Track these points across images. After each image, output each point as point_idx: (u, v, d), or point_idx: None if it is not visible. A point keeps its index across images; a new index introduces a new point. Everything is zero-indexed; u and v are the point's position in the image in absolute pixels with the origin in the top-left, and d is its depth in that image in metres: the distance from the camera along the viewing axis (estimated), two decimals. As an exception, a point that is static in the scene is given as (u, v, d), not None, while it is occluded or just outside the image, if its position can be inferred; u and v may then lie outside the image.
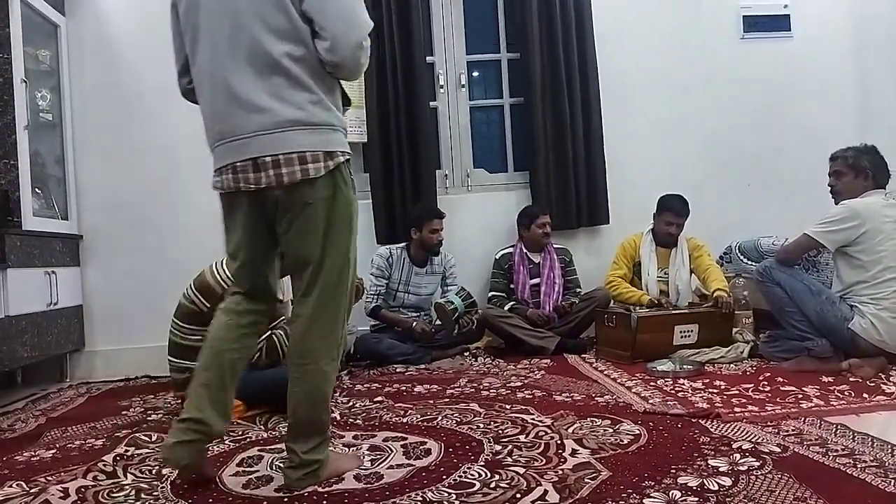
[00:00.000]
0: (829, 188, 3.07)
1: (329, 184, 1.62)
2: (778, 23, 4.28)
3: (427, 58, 4.10)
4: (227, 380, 1.72)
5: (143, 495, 1.68)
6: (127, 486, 1.74)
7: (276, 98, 1.59)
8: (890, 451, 1.70)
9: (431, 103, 4.13)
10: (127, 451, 2.07)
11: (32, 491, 1.73)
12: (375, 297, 3.68)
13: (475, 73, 4.40)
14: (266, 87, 1.59)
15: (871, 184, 2.96)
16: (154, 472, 1.86)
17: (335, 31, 1.57)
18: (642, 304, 3.55)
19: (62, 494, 1.70)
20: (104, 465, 1.92)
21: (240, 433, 2.23)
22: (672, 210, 3.67)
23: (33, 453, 2.11)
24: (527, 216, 3.88)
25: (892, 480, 1.49)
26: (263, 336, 2.49)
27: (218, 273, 2.51)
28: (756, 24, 4.27)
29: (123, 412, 2.72)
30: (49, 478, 1.83)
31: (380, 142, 3.94)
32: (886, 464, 1.60)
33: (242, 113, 1.60)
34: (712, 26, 4.26)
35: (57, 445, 2.20)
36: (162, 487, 1.72)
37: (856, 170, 2.99)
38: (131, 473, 1.85)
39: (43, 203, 3.55)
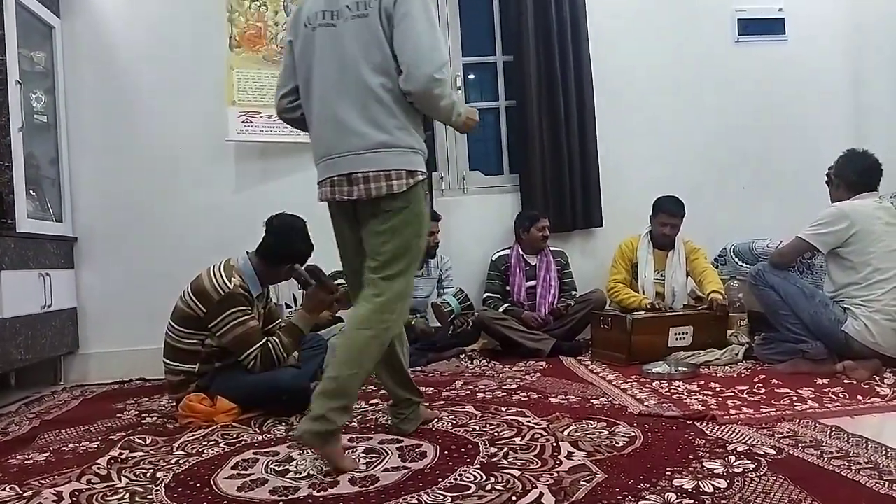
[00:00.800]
0: None
1: (406, 197, 1.90)
2: (772, 26, 4.29)
3: (423, 60, 4.10)
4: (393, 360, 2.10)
5: (137, 499, 1.67)
6: (121, 490, 1.73)
7: (371, 123, 1.87)
8: (884, 452, 1.71)
9: (427, 106, 4.13)
10: (121, 454, 2.06)
11: (26, 494, 1.72)
12: (371, 299, 3.67)
13: (471, 76, 4.41)
14: (364, 115, 1.87)
15: (843, 188, 3.00)
16: (148, 475, 1.85)
17: (409, 62, 1.83)
18: (643, 308, 3.55)
19: (56, 498, 1.69)
20: (98, 469, 1.91)
21: (235, 436, 2.22)
22: (666, 210, 3.68)
23: (27, 456, 2.10)
24: (527, 219, 3.88)
25: (887, 482, 1.50)
26: (259, 344, 2.48)
27: (215, 278, 2.49)
28: (750, 27, 4.28)
29: (118, 415, 2.71)
30: (42, 481, 1.82)
31: (375, 144, 3.94)
32: (881, 465, 1.61)
33: (343, 136, 1.89)
34: (707, 29, 4.27)
35: (51, 448, 2.19)
36: (156, 490, 1.72)
37: (829, 182, 3.10)
38: (125, 476, 1.84)
39: (37, 205, 3.54)
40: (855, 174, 2.98)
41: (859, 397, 2.36)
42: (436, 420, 2.28)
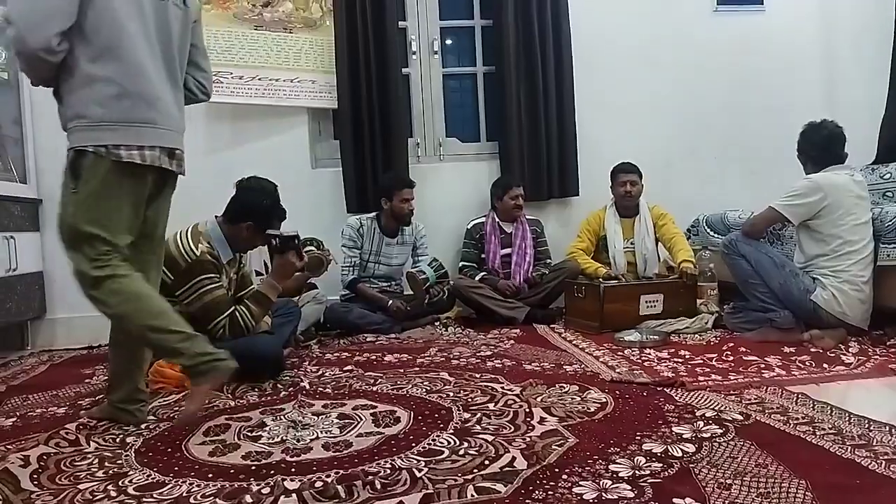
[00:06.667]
0: None
1: None
2: (751, -5, 4.29)
3: (399, 23, 4.03)
4: None
5: (106, 463, 1.65)
6: (90, 454, 1.71)
7: (181, 109, 2.02)
8: (848, 419, 1.75)
9: (403, 70, 4.06)
10: (90, 419, 2.03)
11: (-9, 459, 1.70)
12: (351, 268, 3.64)
13: (448, 41, 4.34)
14: (177, 100, 1.99)
15: (809, 164, 3.02)
16: (118, 440, 1.83)
17: (209, 70, 2.21)
18: (598, 276, 3.59)
19: (22, 462, 1.66)
20: (66, 433, 1.89)
21: (206, 402, 2.20)
22: (620, 170, 3.78)
23: (-8, 421, 2.07)
24: (499, 187, 3.86)
25: (850, 447, 1.53)
26: (227, 312, 2.44)
27: (182, 244, 2.44)
28: (729, -4, 4.27)
29: (86, 380, 2.67)
30: (9, 446, 1.80)
31: (350, 108, 3.88)
32: (844, 431, 1.65)
33: (167, 112, 1.93)
34: (686, -2, 4.25)
35: (17, 413, 2.16)
36: (126, 455, 1.70)
37: (799, 156, 3.09)
38: (94, 441, 1.82)
39: (0, 166, 3.43)
40: (814, 149, 2.99)
41: (825, 365, 2.41)
42: (410, 385, 2.28)
